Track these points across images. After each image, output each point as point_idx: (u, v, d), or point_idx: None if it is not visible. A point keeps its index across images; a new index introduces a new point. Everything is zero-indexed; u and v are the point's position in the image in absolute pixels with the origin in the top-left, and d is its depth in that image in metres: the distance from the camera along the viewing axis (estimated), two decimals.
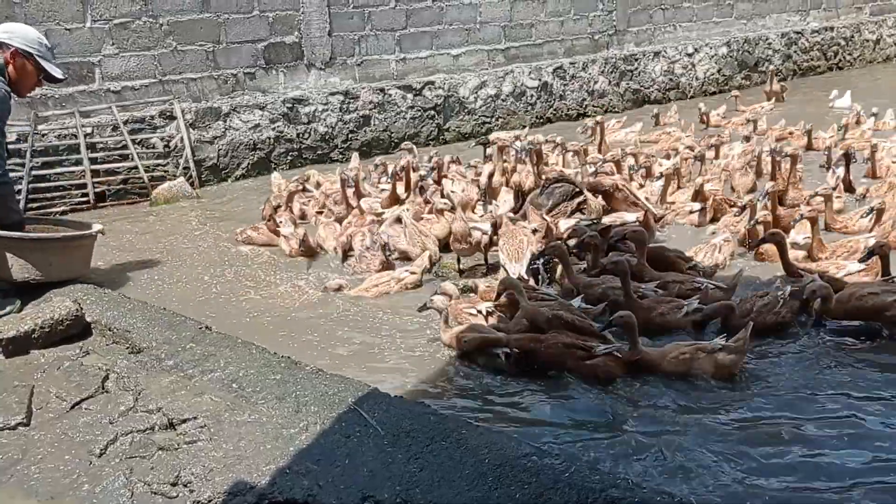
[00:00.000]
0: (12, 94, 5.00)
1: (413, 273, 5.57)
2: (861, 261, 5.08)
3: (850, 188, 7.14)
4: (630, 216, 6.08)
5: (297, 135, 9.20)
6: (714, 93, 13.22)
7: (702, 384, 4.12)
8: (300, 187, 7.24)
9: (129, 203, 7.99)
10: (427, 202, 6.59)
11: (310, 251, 6.26)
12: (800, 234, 5.67)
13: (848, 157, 7.21)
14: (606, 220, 6.09)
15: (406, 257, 5.98)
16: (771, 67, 12.75)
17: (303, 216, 7.18)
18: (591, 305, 4.80)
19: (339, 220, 6.71)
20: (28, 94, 5.44)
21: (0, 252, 4.88)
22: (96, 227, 5.52)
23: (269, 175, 8.42)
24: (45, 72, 5.06)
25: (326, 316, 5.17)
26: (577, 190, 6.31)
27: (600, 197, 6.43)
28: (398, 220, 6.26)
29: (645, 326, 4.51)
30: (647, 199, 6.46)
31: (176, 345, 4.16)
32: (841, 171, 7.24)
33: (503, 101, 10.92)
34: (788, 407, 3.83)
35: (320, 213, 7.17)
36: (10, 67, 4.93)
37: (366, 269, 5.82)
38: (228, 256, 6.39)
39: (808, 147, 8.66)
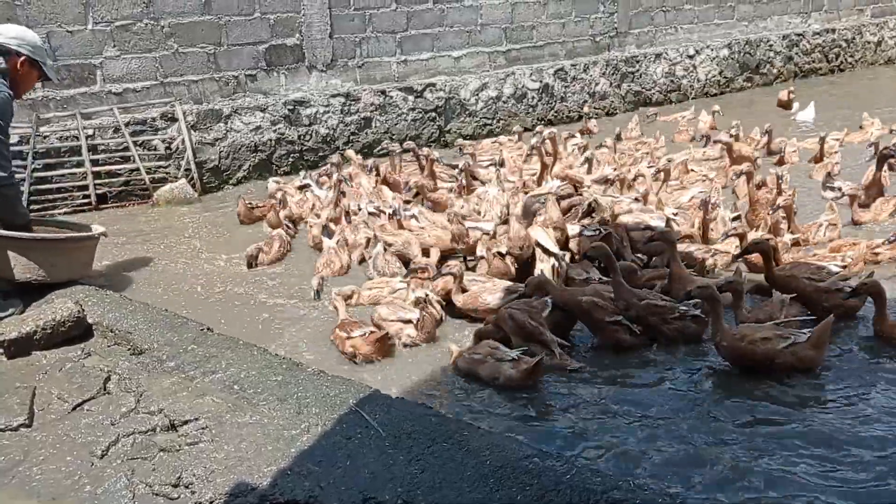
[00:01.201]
0: (13, 96, 5.06)
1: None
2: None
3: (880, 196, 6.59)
4: (655, 221, 5.97)
5: (299, 136, 9.20)
6: (715, 94, 13.23)
7: (710, 385, 4.13)
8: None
9: (130, 205, 7.99)
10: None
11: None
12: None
13: (885, 158, 6.71)
14: (630, 222, 6.01)
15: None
16: (789, 87, 12.07)
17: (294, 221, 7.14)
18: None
19: (333, 222, 6.69)
20: (24, 95, 5.53)
21: (3, 252, 4.89)
22: (99, 228, 5.53)
23: (271, 176, 8.43)
24: (44, 74, 5.23)
25: (332, 319, 5.17)
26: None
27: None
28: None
29: None
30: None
31: (177, 346, 4.16)
32: (841, 185, 6.87)
33: (504, 102, 10.92)
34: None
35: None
36: (18, 73, 5.04)
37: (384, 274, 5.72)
38: (231, 258, 6.39)
39: (780, 161, 8.32)
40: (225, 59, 8.69)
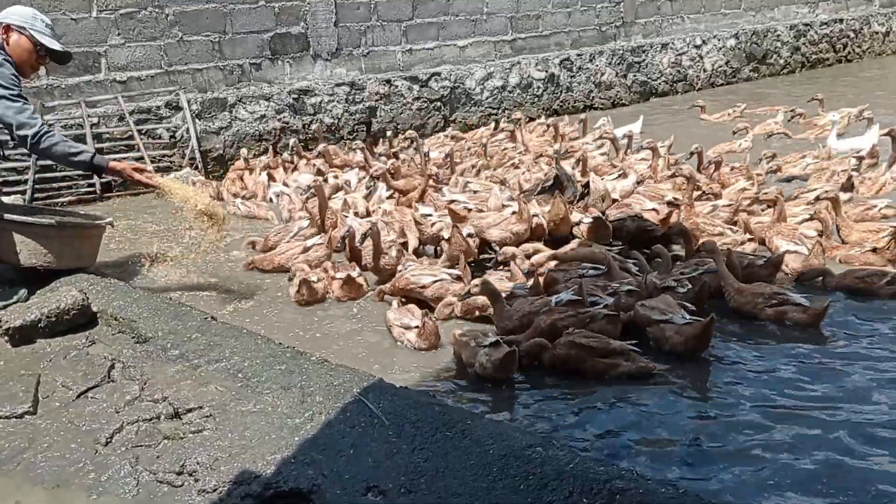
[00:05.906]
0: (19, 77, 4.79)
1: None
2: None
3: None
4: (649, 203, 5.96)
5: (303, 126, 9.20)
6: (721, 84, 13.17)
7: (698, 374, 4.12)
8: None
9: (135, 194, 7.99)
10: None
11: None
12: None
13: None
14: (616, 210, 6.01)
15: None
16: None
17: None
18: None
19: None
20: (31, 75, 5.27)
21: (10, 236, 4.88)
22: (106, 219, 5.54)
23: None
24: (44, 47, 4.86)
25: (335, 311, 5.18)
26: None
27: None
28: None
29: None
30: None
31: (181, 334, 4.16)
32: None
33: (510, 92, 10.89)
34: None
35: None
36: (6, 43, 4.74)
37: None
38: (235, 247, 6.39)
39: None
40: (229, 47, 8.67)
